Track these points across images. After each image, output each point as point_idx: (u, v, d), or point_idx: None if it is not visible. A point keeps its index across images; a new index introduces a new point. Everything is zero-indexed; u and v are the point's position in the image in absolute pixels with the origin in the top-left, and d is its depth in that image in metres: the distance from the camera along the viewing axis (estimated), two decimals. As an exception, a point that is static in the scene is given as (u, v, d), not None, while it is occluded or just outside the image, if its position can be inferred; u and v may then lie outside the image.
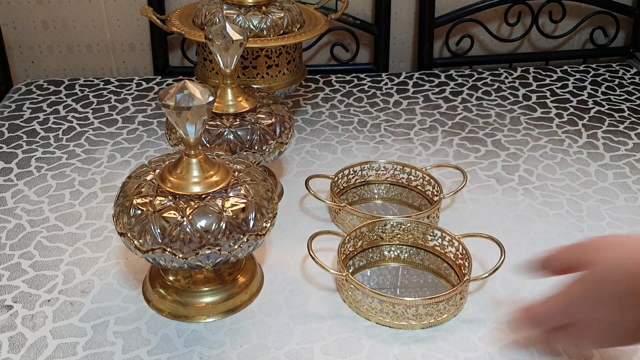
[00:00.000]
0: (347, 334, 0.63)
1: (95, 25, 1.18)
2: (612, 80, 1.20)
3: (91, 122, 1.02)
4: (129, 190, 0.60)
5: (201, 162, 0.60)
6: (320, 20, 0.93)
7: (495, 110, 1.08)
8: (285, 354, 0.60)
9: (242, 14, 0.86)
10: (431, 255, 0.73)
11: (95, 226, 0.78)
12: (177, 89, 0.56)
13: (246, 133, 0.73)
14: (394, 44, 1.27)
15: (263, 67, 0.89)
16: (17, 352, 0.60)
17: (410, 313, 0.62)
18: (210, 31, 0.69)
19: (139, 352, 0.60)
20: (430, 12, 1.20)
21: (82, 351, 0.60)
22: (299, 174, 0.89)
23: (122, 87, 1.14)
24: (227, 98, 0.74)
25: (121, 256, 0.73)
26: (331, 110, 1.08)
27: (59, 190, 0.85)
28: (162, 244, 0.57)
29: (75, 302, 0.66)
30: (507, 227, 0.79)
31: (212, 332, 0.63)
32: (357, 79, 1.19)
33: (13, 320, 0.64)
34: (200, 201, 0.58)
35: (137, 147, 0.96)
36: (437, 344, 0.62)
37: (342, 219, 0.77)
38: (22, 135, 0.98)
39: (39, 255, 0.73)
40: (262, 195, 0.61)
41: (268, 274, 0.71)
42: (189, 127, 0.57)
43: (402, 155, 0.94)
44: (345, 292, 0.66)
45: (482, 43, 1.29)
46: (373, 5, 1.22)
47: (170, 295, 0.66)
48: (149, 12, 0.87)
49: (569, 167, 0.91)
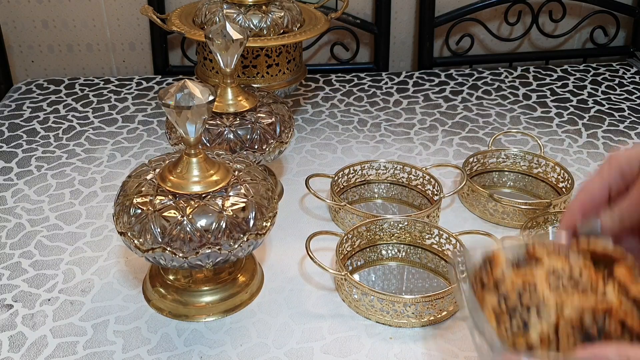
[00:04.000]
0: (347, 333, 0.63)
1: (95, 24, 1.18)
2: (612, 79, 1.20)
3: (91, 122, 1.02)
4: (129, 190, 0.60)
5: (201, 161, 0.60)
6: (321, 19, 0.93)
7: (495, 109, 1.08)
8: (285, 353, 0.60)
9: (242, 13, 0.86)
10: (429, 253, 0.73)
11: (95, 225, 0.78)
12: (177, 88, 0.56)
13: (246, 132, 0.73)
14: (394, 43, 1.27)
15: (263, 67, 0.89)
16: (17, 351, 0.60)
17: (410, 311, 0.63)
18: (211, 30, 0.69)
19: (139, 351, 0.60)
20: (430, 11, 1.20)
21: (82, 350, 0.60)
22: (299, 173, 0.89)
23: (122, 86, 1.14)
24: (227, 97, 0.74)
25: (121, 255, 0.73)
26: (331, 109, 1.08)
27: (59, 189, 0.85)
28: (162, 243, 0.57)
29: (75, 302, 0.66)
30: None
31: (212, 331, 0.63)
32: (357, 78, 1.19)
33: (13, 320, 0.64)
34: (201, 200, 0.58)
35: (137, 147, 0.96)
36: (437, 343, 0.62)
37: (342, 218, 0.77)
38: (22, 134, 0.98)
39: (39, 255, 0.73)
40: (262, 194, 0.61)
41: (268, 273, 0.71)
42: (189, 127, 0.57)
43: (402, 155, 0.94)
44: (344, 292, 0.66)
45: (482, 42, 1.29)
46: (373, 5, 1.22)
47: (171, 295, 0.66)
48: (149, 12, 0.87)
49: (569, 167, 0.91)
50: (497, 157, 0.88)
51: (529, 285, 0.41)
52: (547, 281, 0.42)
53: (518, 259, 0.45)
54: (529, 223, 0.74)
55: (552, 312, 0.40)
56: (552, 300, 0.40)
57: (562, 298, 0.40)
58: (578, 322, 0.39)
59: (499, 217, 0.78)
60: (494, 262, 0.44)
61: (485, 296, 0.42)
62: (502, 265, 0.44)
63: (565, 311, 0.40)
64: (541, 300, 0.40)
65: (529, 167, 0.87)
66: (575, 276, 0.42)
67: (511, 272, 0.43)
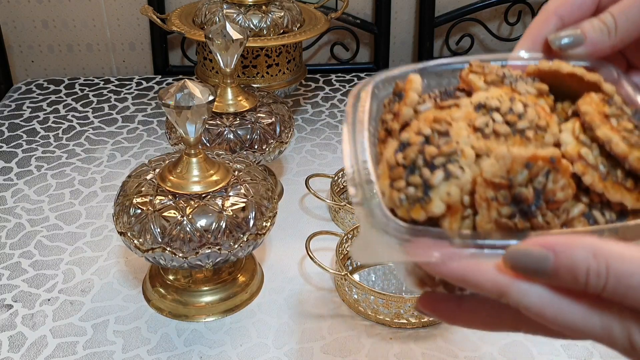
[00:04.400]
0: (347, 333, 0.63)
1: (95, 24, 1.18)
2: (612, 79, 1.20)
3: (91, 122, 1.02)
4: (129, 190, 0.60)
5: (201, 161, 0.60)
6: (321, 19, 0.93)
7: (495, 109, 1.08)
8: (285, 354, 0.60)
9: (242, 13, 0.86)
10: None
11: (95, 225, 0.78)
12: (177, 88, 0.56)
13: (246, 132, 0.73)
14: (394, 43, 1.27)
15: (263, 66, 0.89)
16: (17, 351, 0.60)
17: (410, 311, 0.62)
18: (211, 30, 0.69)
19: (139, 351, 0.60)
20: (430, 11, 1.20)
21: (82, 350, 0.60)
22: (299, 173, 0.89)
23: (122, 86, 1.14)
24: (227, 97, 0.74)
25: (121, 255, 0.73)
26: (331, 109, 1.08)
27: (59, 189, 0.85)
28: (162, 243, 0.57)
29: (75, 302, 0.66)
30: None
31: (212, 331, 0.63)
32: (357, 78, 1.19)
33: (13, 320, 0.64)
34: (200, 200, 0.58)
35: (137, 147, 0.96)
36: (437, 343, 0.62)
37: (342, 218, 0.77)
38: (22, 134, 0.98)
39: (39, 255, 0.73)
40: (262, 194, 0.61)
41: (268, 273, 0.71)
42: (189, 127, 0.57)
43: (402, 155, 0.94)
44: (344, 292, 0.66)
45: (482, 42, 1.29)
46: (373, 5, 1.22)
47: (170, 295, 0.66)
48: (149, 12, 0.87)
49: (569, 166, 0.91)
50: None
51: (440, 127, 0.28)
52: (469, 120, 0.29)
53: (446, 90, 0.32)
54: None
55: (468, 168, 0.27)
56: (469, 148, 0.27)
57: (488, 145, 0.28)
58: (506, 182, 0.26)
59: None
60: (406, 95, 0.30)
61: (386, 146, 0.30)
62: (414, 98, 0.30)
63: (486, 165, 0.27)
64: (454, 150, 0.27)
65: None
66: (517, 111, 0.29)
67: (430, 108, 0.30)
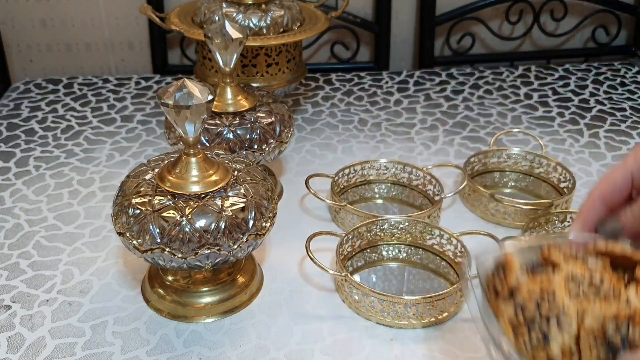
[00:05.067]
0: (347, 334, 0.62)
1: (94, 23, 1.18)
2: (614, 79, 1.20)
3: (90, 121, 1.02)
4: (128, 190, 0.60)
5: (200, 161, 0.59)
6: (321, 18, 0.92)
7: (496, 109, 1.08)
8: (285, 355, 0.60)
9: (241, 12, 0.86)
10: (430, 254, 0.72)
11: (93, 226, 0.77)
12: (176, 88, 0.56)
13: (246, 132, 0.72)
14: (395, 42, 1.26)
15: (263, 66, 0.88)
16: (16, 352, 0.60)
17: (411, 312, 0.62)
18: (210, 29, 0.69)
19: (138, 352, 0.60)
20: (431, 10, 1.20)
21: (81, 351, 0.60)
22: (299, 173, 0.89)
23: (121, 85, 1.14)
24: (226, 97, 0.74)
25: (120, 256, 0.72)
26: (331, 109, 1.07)
27: (58, 189, 0.84)
28: (161, 243, 0.57)
29: (73, 302, 0.66)
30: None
31: (212, 332, 0.63)
32: (357, 78, 1.18)
33: (11, 320, 0.63)
34: (200, 200, 0.58)
35: (135, 146, 0.95)
36: (439, 344, 0.61)
37: (343, 218, 0.77)
38: (21, 134, 0.98)
39: (37, 255, 0.72)
40: (262, 194, 0.61)
41: (268, 274, 0.70)
42: (188, 126, 0.57)
43: (403, 155, 0.94)
44: (344, 292, 0.66)
45: (483, 41, 1.29)
46: (374, 4, 1.21)
47: (170, 296, 0.65)
48: (147, 11, 0.87)
49: (570, 166, 0.91)
50: (498, 157, 0.88)
51: (547, 294, 0.39)
52: (566, 288, 0.39)
53: (532, 264, 0.42)
54: (530, 223, 0.73)
55: (573, 322, 0.37)
56: (572, 309, 0.38)
57: (583, 306, 0.38)
58: (600, 332, 0.37)
59: (501, 217, 0.78)
60: (508, 268, 0.41)
61: (500, 306, 0.40)
62: (516, 271, 0.41)
63: (586, 321, 0.37)
64: (561, 310, 0.38)
65: (530, 167, 0.87)
66: (596, 282, 0.40)
67: (526, 278, 0.40)
